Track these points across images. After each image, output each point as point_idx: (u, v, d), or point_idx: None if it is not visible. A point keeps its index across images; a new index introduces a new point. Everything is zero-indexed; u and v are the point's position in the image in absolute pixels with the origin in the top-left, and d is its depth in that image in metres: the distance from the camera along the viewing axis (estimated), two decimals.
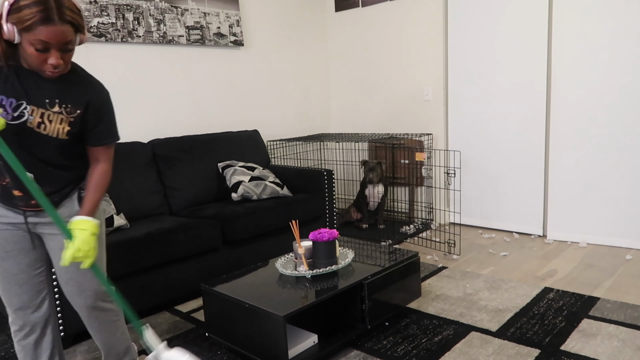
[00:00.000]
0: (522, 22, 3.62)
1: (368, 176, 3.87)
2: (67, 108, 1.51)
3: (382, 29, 4.33)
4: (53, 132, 1.50)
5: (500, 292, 2.74)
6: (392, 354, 2.14)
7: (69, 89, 1.51)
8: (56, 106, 1.49)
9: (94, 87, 1.57)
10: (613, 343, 2.13)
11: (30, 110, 1.46)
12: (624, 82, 3.24)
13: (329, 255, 2.27)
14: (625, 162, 3.31)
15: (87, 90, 1.54)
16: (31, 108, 1.46)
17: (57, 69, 1.40)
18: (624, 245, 3.39)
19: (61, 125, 1.51)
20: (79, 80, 1.54)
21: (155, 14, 3.41)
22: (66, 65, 1.43)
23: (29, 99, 1.46)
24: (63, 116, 1.50)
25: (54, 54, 1.37)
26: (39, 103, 1.47)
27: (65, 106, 1.50)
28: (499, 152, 3.89)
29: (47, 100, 1.48)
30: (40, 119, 1.48)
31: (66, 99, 1.50)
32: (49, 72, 1.40)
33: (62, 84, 1.50)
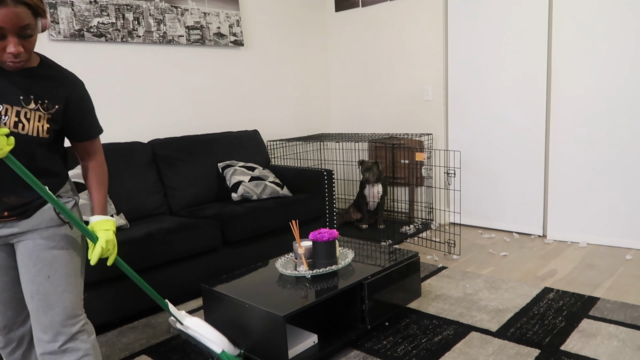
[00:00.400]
0: (522, 22, 3.62)
1: (364, 176, 3.87)
2: (44, 104, 1.38)
3: (382, 29, 4.33)
4: (33, 131, 1.37)
5: (500, 292, 2.74)
6: (392, 354, 2.14)
7: (42, 84, 1.39)
8: (32, 102, 1.36)
9: (70, 81, 1.45)
10: (613, 343, 2.13)
11: (3, 110, 1.32)
12: (624, 82, 3.24)
13: (329, 255, 2.27)
14: (625, 162, 3.31)
15: (63, 85, 1.43)
16: (4, 107, 1.32)
17: (18, 59, 1.27)
18: (624, 245, 3.39)
19: (40, 122, 1.38)
20: (51, 74, 1.42)
21: (155, 14, 3.41)
22: (28, 54, 1.29)
23: (1, 97, 1.33)
24: (41, 113, 1.38)
25: (12, 40, 1.23)
26: (12, 100, 1.34)
27: (41, 102, 1.38)
28: (499, 152, 3.89)
29: (21, 97, 1.35)
30: (17, 118, 1.34)
31: (41, 94, 1.38)
32: (9, 63, 1.27)
33: (34, 78, 1.38)
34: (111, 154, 3.02)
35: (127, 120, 3.37)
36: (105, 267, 2.39)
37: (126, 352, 2.28)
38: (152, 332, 2.48)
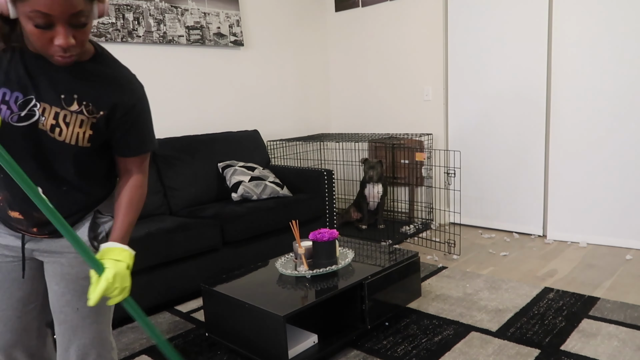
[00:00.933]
0: (522, 22, 3.62)
1: (368, 174, 3.87)
2: (89, 106, 1.15)
3: (382, 29, 4.33)
4: (71, 137, 1.15)
5: (500, 292, 2.74)
6: (392, 354, 2.14)
7: (91, 82, 1.16)
8: (74, 103, 1.14)
9: (124, 82, 1.20)
10: (613, 343, 2.13)
11: (41, 109, 1.12)
12: (624, 82, 3.24)
13: (329, 255, 2.27)
14: (626, 162, 3.31)
15: (114, 87, 1.18)
16: (42, 106, 1.12)
17: (69, 53, 1.04)
18: (624, 245, 3.39)
19: (81, 128, 1.15)
20: (104, 72, 1.18)
21: (155, 14, 3.41)
22: (80, 47, 1.06)
23: (39, 94, 1.12)
24: (83, 117, 1.15)
25: (61, 31, 1.00)
26: (53, 100, 1.12)
27: (85, 104, 1.15)
28: (499, 152, 3.89)
29: (62, 96, 1.13)
30: (54, 121, 1.13)
31: (87, 94, 1.15)
32: (58, 57, 1.04)
33: (82, 74, 1.15)
34: None
35: None
36: None
37: (126, 352, 2.28)
38: None
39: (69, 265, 1.27)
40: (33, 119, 1.12)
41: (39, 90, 1.12)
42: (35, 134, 1.14)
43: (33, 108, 1.12)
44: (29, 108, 1.11)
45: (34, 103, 1.12)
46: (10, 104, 1.11)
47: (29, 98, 1.11)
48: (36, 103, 1.12)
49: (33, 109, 1.12)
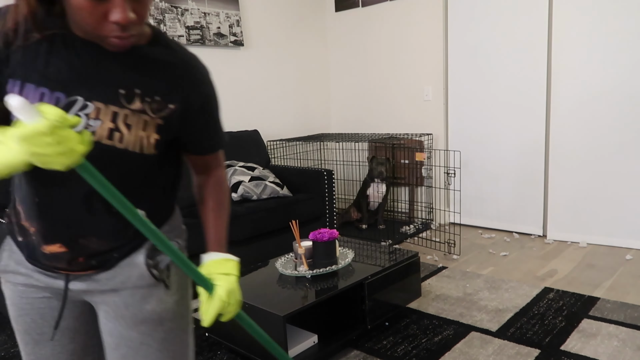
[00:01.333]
0: (522, 22, 3.62)
1: (377, 170, 3.86)
2: (154, 103, 0.90)
3: (382, 29, 4.33)
4: (134, 144, 0.89)
5: (500, 292, 2.74)
6: (392, 354, 2.14)
7: (154, 70, 0.90)
8: (136, 100, 0.88)
9: (193, 68, 0.95)
10: (613, 343, 2.13)
11: (93, 111, 0.86)
12: (624, 81, 3.24)
13: (329, 255, 2.27)
14: (625, 162, 3.31)
15: (184, 73, 0.93)
16: (95, 107, 0.86)
17: (127, 32, 0.81)
18: (624, 245, 3.39)
19: (145, 132, 0.90)
20: (167, 58, 0.92)
21: (155, 14, 3.41)
22: (141, 24, 0.83)
23: (90, 91, 0.86)
24: (147, 117, 0.89)
25: (119, 2, 0.77)
26: (108, 96, 0.87)
27: (149, 99, 0.89)
28: (499, 152, 3.89)
29: (121, 91, 0.87)
30: (113, 124, 0.87)
31: (151, 86, 0.90)
32: (113, 39, 0.81)
33: (142, 62, 0.90)
34: None
35: None
36: None
37: None
38: None
39: (123, 304, 0.99)
40: (79, 127, 0.86)
41: (89, 86, 0.86)
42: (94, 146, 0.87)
43: (79, 112, 0.86)
44: (75, 113, 0.86)
45: (83, 104, 0.86)
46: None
47: (73, 99, 0.85)
48: (86, 104, 0.86)
49: (79, 112, 0.86)
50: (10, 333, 2.53)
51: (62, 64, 0.85)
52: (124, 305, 0.99)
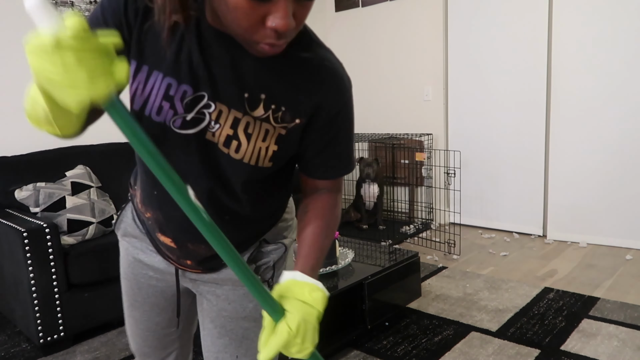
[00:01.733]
0: (522, 22, 3.62)
1: (365, 172, 3.86)
2: (279, 111, 0.80)
3: (382, 29, 4.33)
4: (251, 156, 0.81)
5: (500, 292, 2.74)
6: (392, 354, 2.14)
7: (287, 77, 0.80)
8: (260, 107, 0.79)
9: (332, 76, 0.83)
10: (613, 343, 2.13)
11: (215, 112, 0.79)
12: (625, 82, 3.24)
13: (329, 255, 2.27)
14: (626, 162, 3.31)
15: (318, 83, 0.81)
16: (218, 108, 0.79)
17: (283, 39, 0.70)
18: (624, 245, 3.39)
19: (265, 142, 0.81)
20: (306, 62, 0.81)
21: None
22: (298, 29, 0.72)
23: (216, 91, 0.78)
24: (269, 126, 0.81)
25: (283, 5, 0.65)
26: (233, 100, 0.78)
27: (275, 107, 0.80)
28: (499, 152, 3.89)
29: (246, 95, 0.79)
30: (232, 130, 0.79)
31: (279, 94, 0.80)
32: (264, 46, 0.70)
33: (275, 65, 0.79)
34: (111, 154, 3.01)
35: None
36: (104, 267, 2.39)
37: (126, 352, 2.28)
38: None
39: (225, 298, 0.99)
40: (201, 125, 0.79)
41: (215, 84, 0.78)
42: (202, 146, 0.81)
43: (204, 110, 0.78)
44: (199, 109, 0.78)
45: (206, 102, 0.78)
46: (175, 102, 0.78)
47: (200, 95, 0.78)
48: (209, 103, 0.78)
49: (204, 110, 0.78)
50: (10, 333, 2.53)
51: (195, 53, 0.76)
52: (226, 300, 0.99)
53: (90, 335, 2.46)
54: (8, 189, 2.57)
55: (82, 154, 2.89)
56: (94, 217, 2.54)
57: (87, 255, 2.35)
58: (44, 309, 2.22)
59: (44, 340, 2.24)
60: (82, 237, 2.48)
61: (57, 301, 2.26)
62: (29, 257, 2.16)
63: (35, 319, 2.20)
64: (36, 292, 2.19)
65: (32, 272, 2.17)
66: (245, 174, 0.83)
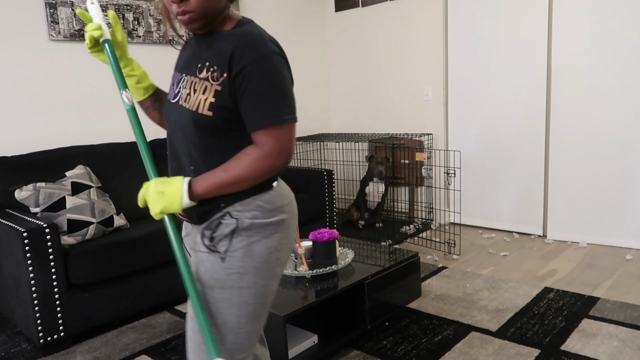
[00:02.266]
0: (522, 22, 3.62)
1: (377, 169, 3.86)
2: (214, 71, 1.07)
3: (382, 29, 4.33)
4: (194, 104, 1.08)
5: (500, 292, 2.74)
6: (392, 354, 2.14)
7: (220, 47, 1.08)
8: (204, 70, 1.09)
9: (244, 36, 1.06)
10: (613, 343, 2.13)
11: (184, 82, 1.14)
12: (625, 82, 3.24)
13: (329, 255, 2.27)
14: (626, 162, 3.31)
15: (234, 42, 1.06)
16: (188, 79, 1.13)
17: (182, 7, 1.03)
18: (624, 245, 3.39)
19: (204, 95, 1.07)
20: (235, 35, 1.08)
21: (155, 14, 3.41)
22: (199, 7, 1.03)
23: (188, 68, 1.14)
24: (208, 83, 1.08)
25: None
26: (193, 69, 1.12)
27: (213, 69, 1.08)
28: (499, 152, 3.89)
29: (199, 65, 1.11)
30: (188, 90, 1.11)
31: (213, 58, 1.08)
32: (178, 17, 1.06)
33: (216, 41, 1.10)
34: (111, 154, 3.02)
35: (127, 120, 3.37)
36: (104, 267, 2.39)
37: (126, 352, 2.28)
38: (152, 332, 2.48)
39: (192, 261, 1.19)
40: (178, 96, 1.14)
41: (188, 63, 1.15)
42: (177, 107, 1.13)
43: (180, 85, 1.14)
44: (179, 86, 1.15)
45: (181, 77, 1.15)
46: (173, 85, 1.18)
47: (182, 76, 1.15)
48: (184, 77, 1.15)
49: (180, 85, 1.14)
50: (10, 333, 2.53)
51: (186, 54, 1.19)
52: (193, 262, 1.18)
53: (90, 335, 2.46)
54: (8, 189, 2.57)
55: (82, 154, 2.89)
56: (94, 217, 2.54)
57: (87, 255, 2.35)
58: (44, 309, 2.22)
59: (44, 340, 2.24)
60: (82, 237, 2.48)
61: (57, 301, 2.26)
62: (29, 257, 2.16)
63: (35, 319, 2.21)
64: (36, 292, 2.19)
65: (32, 272, 2.17)
66: (192, 120, 1.08)
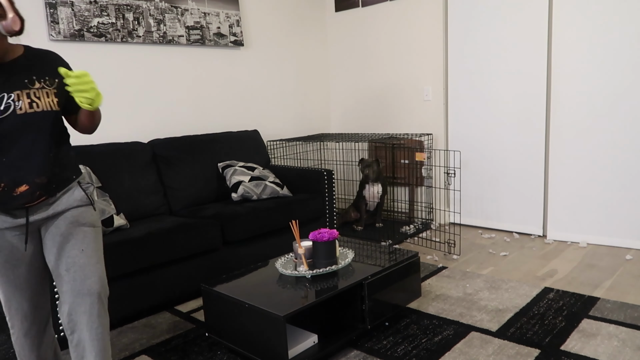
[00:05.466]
0: (522, 22, 3.62)
1: (364, 172, 3.87)
2: (46, 81, 1.51)
3: (382, 29, 4.33)
4: (47, 106, 1.49)
5: (500, 292, 2.74)
6: (392, 354, 2.14)
7: (33, 64, 1.51)
8: (36, 82, 1.48)
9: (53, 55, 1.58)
10: (613, 343, 2.13)
11: (15, 97, 1.43)
12: (625, 82, 3.24)
13: (329, 255, 2.27)
14: (626, 162, 3.31)
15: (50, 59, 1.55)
16: (15, 94, 1.44)
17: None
18: (624, 245, 3.39)
19: (49, 98, 1.50)
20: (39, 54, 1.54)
21: (155, 14, 3.41)
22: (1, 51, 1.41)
23: (7, 86, 1.43)
24: (47, 90, 1.50)
25: None
26: (20, 85, 1.45)
27: (44, 80, 1.50)
28: (499, 152, 3.89)
29: (25, 80, 1.46)
30: (29, 99, 1.45)
31: (39, 73, 1.50)
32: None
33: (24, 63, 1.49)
34: (111, 154, 3.02)
35: (127, 120, 3.37)
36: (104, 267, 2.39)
37: (126, 352, 2.28)
38: (152, 332, 2.48)
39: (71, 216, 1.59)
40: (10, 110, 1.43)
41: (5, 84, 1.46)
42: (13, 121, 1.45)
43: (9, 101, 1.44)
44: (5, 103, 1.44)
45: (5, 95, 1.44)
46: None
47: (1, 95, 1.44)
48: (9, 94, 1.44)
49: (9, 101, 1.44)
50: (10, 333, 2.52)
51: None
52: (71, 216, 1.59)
53: None
54: None
55: (82, 154, 2.89)
56: None
57: None
58: None
59: None
60: None
61: (56, 301, 2.25)
62: None
63: None
64: None
65: None
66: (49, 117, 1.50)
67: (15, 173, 1.46)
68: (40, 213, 1.55)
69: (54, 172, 1.53)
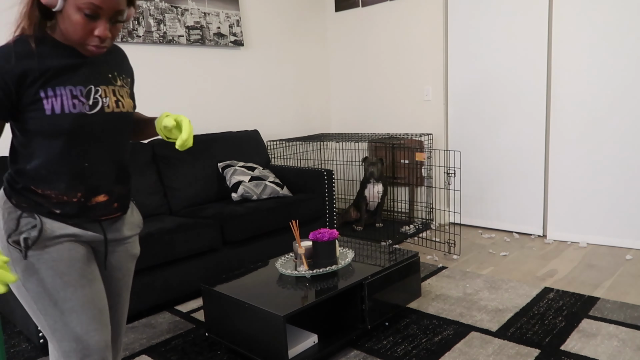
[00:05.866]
0: (522, 22, 3.62)
1: (369, 170, 3.86)
2: (126, 79, 1.34)
3: (382, 29, 4.33)
4: (129, 107, 1.32)
5: (500, 292, 2.74)
6: (392, 354, 2.14)
7: (111, 59, 1.32)
8: (118, 79, 1.30)
9: (122, 50, 1.40)
10: (613, 343, 2.13)
11: (102, 92, 1.24)
12: (625, 82, 3.24)
13: (329, 255, 2.27)
14: (626, 162, 3.31)
15: (121, 55, 1.37)
16: (102, 89, 1.24)
17: (104, 44, 1.16)
18: (624, 245, 3.39)
19: (128, 98, 1.33)
20: (118, 51, 1.38)
21: (155, 14, 3.41)
22: (112, 42, 1.20)
23: (96, 79, 1.23)
24: (126, 89, 1.33)
25: (103, 23, 1.13)
26: (105, 80, 1.26)
27: (123, 77, 1.33)
28: (499, 152, 3.89)
29: (109, 75, 1.28)
30: (115, 97, 1.27)
31: (120, 69, 1.33)
32: (91, 47, 1.16)
33: (105, 56, 1.31)
34: None
35: None
36: None
37: (126, 352, 2.28)
38: (152, 332, 2.48)
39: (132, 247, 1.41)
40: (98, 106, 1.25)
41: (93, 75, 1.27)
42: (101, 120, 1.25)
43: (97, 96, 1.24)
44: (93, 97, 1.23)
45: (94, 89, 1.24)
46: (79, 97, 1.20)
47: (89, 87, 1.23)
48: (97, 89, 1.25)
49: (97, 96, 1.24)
50: (10, 333, 2.53)
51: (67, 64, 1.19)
52: (130, 251, 1.40)
53: None
54: None
55: None
56: None
57: None
58: None
59: (44, 340, 2.24)
60: None
61: None
62: None
63: None
64: None
65: None
66: (129, 120, 1.32)
67: (96, 180, 1.26)
68: (115, 233, 1.33)
69: (125, 188, 1.34)
